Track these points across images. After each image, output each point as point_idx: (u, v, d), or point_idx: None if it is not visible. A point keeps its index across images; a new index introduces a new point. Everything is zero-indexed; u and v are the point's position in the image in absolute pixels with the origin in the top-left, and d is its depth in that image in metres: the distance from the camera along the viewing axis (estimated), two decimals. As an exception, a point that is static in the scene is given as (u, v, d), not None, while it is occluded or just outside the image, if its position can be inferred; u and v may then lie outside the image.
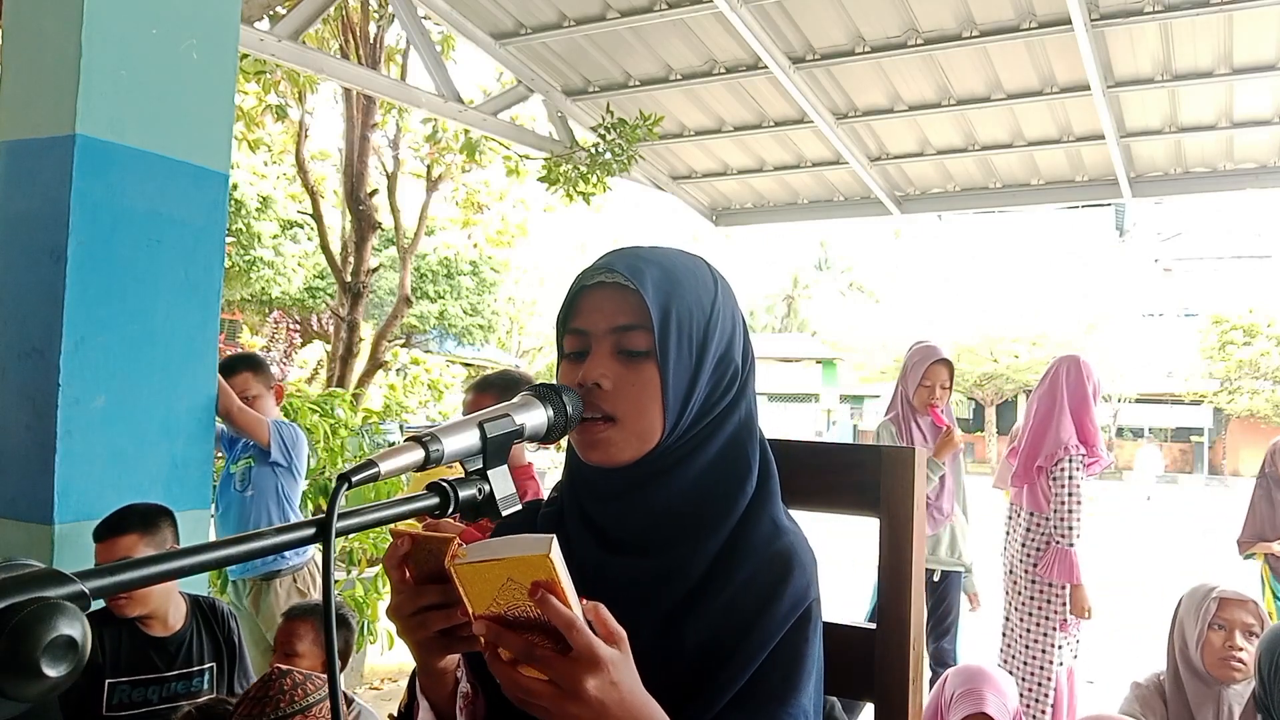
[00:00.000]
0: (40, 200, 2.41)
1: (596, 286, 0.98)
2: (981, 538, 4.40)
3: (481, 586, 0.79)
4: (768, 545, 0.97)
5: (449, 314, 20.94)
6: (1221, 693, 2.30)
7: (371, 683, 5.12)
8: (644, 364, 0.95)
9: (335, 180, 9.94)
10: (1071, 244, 30.96)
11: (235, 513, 3.40)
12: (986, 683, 2.28)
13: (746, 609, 0.93)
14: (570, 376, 0.97)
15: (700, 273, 1.02)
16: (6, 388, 2.42)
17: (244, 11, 3.80)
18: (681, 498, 0.97)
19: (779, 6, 4.58)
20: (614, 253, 1.01)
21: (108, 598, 2.00)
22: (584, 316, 0.98)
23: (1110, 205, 26.08)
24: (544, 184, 5.95)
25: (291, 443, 3.36)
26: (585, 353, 0.97)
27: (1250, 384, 26.14)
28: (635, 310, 0.95)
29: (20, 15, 2.52)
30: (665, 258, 1.01)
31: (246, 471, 3.39)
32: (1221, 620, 2.33)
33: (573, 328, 0.99)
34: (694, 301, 0.98)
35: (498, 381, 2.86)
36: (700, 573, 0.95)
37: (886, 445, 1.17)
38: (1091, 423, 3.75)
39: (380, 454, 0.79)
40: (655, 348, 0.95)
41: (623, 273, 0.95)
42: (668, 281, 0.97)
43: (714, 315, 0.99)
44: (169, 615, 2.30)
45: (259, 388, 3.37)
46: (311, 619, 2.42)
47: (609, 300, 0.97)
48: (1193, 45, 4.49)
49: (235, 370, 3.35)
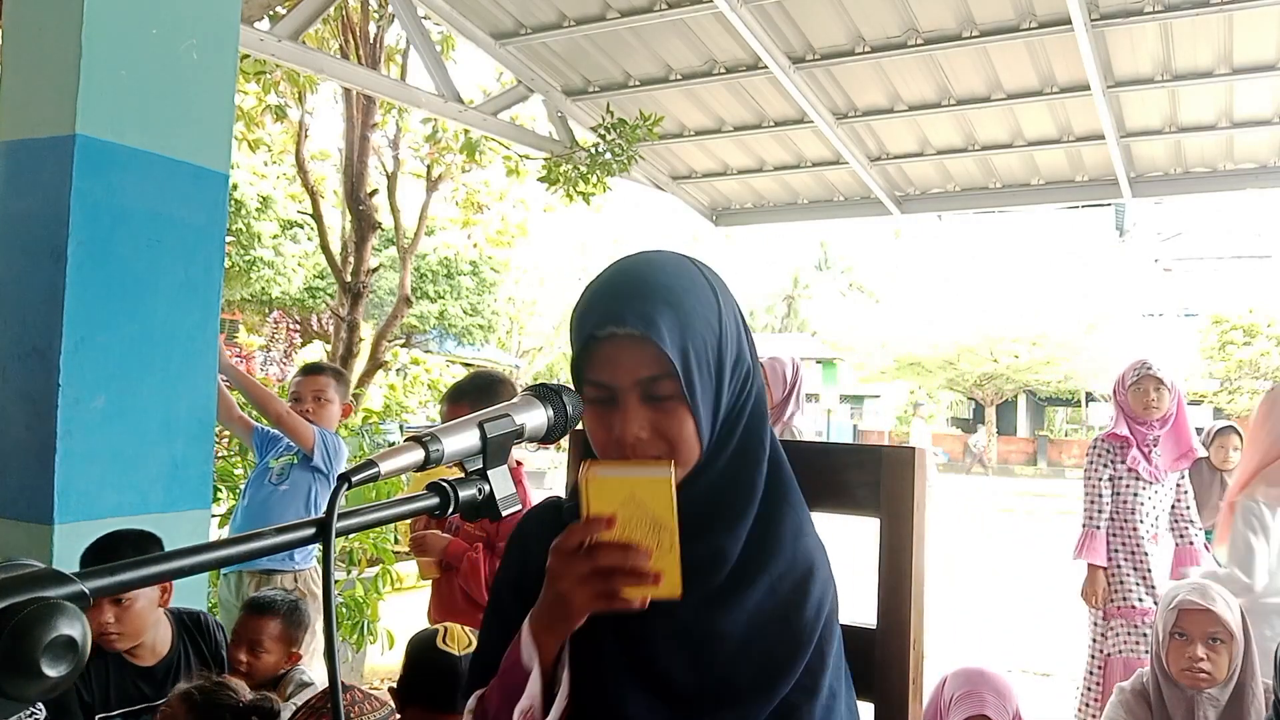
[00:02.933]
0: (40, 200, 2.41)
1: (609, 339, 0.97)
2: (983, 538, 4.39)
3: (607, 499, 0.90)
4: (794, 540, 1.03)
5: (449, 314, 20.94)
6: (1195, 698, 2.31)
7: (371, 683, 5.11)
8: (674, 404, 0.98)
9: (335, 180, 9.93)
10: (1071, 244, 30.95)
11: (263, 504, 3.44)
12: (986, 684, 2.28)
13: (779, 606, 0.99)
14: (601, 425, 1.00)
15: (700, 289, 1.01)
16: (6, 388, 2.41)
17: (244, 11, 3.80)
18: (712, 489, 1.01)
19: (779, 6, 4.58)
20: (620, 299, 0.97)
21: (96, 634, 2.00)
22: (604, 370, 0.98)
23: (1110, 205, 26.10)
24: (544, 184, 5.94)
25: (335, 452, 3.48)
26: (609, 401, 0.98)
27: (1250, 384, 26.11)
28: (656, 360, 0.96)
29: (20, 15, 2.52)
30: (667, 288, 0.98)
31: (287, 467, 3.48)
32: (1181, 629, 2.33)
33: (593, 380, 0.98)
34: (704, 328, 0.99)
35: (470, 388, 2.87)
36: (737, 558, 1.00)
37: (887, 445, 1.17)
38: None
39: (380, 454, 0.79)
40: (682, 390, 0.97)
41: (636, 327, 0.94)
42: (678, 319, 0.97)
43: (722, 331, 1.01)
44: (155, 642, 2.22)
45: (334, 395, 3.59)
46: (276, 615, 2.38)
47: (627, 354, 0.96)
48: (1193, 45, 4.49)
49: (320, 371, 3.69)
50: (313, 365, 3.89)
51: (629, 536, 0.90)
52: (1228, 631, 2.29)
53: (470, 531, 2.86)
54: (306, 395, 3.52)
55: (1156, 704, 2.37)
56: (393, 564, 4.81)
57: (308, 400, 3.51)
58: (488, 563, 2.79)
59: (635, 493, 0.90)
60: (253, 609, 2.44)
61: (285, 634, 2.39)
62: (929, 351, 27.40)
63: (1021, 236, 31.66)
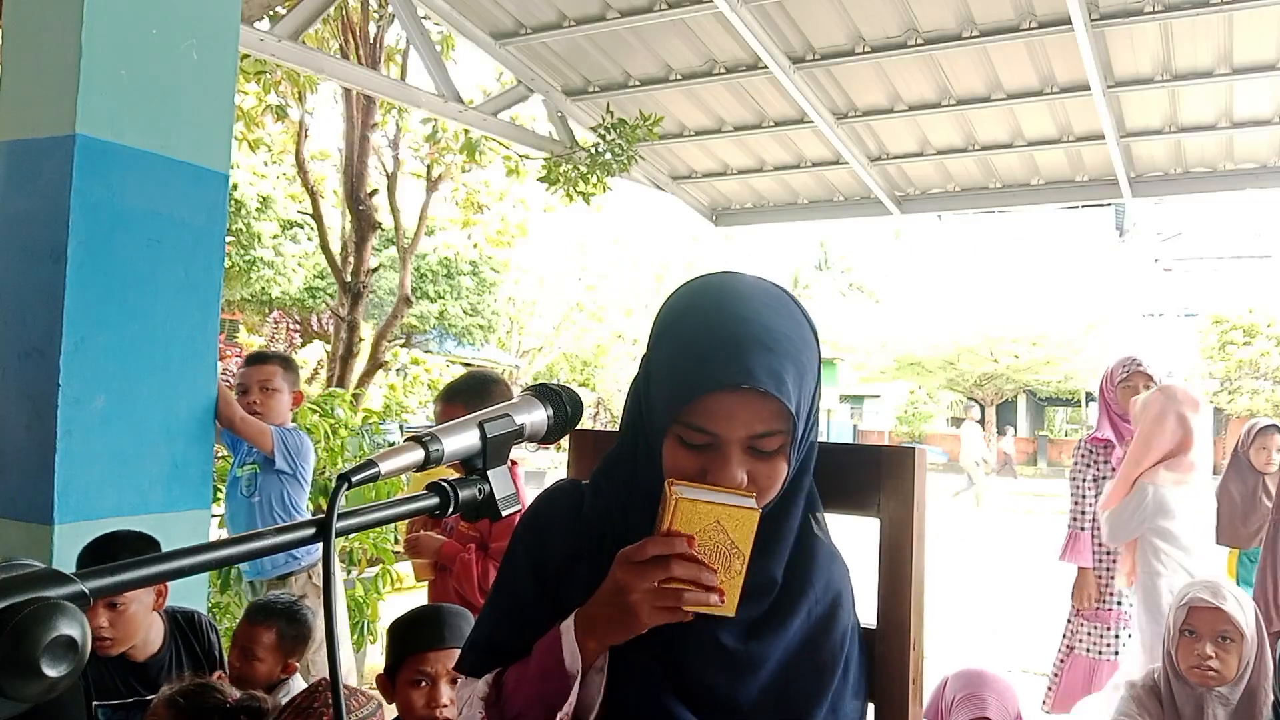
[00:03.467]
0: (40, 200, 2.41)
1: (730, 389, 0.92)
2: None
3: (691, 521, 0.91)
4: (828, 566, 1.06)
5: (449, 314, 20.92)
6: (1204, 695, 2.30)
7: (371, 683, 5.11)
8: (778, 457, 0.97)
9: (335, 180, 9.92)
10: (1071, 244, 30.93)
11: (243, 517, 3.40)
12: (988, 686, 2.26)
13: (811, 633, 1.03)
14: (692, 463, 0.96)
15: (808, 333, 1.00)
16: (6, 388, 2.42)
17: (244, 11, 3.80)
18: (770, 518, 1.01)
19: (779, 6, 4.58)
20: (747, 351, 0.92)
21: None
22: (715, 421, 0.94)
23: (1110, 205, 26.08)
24: (544, 184, 5.94)
25: (296, 450, 3.34)
26: (708, 448, 0.95)
27: (1250, 384, 26.11)
28: (773, 417, 0.94)
29: (20, 15, 2.52)
30: (789, 339, 0.95)
31: (253, 477, 3.39)
32: (1191, 626, 2.33)
33: (699, 426, 0.94)
34: (813, 379, 0.99)
35: (464, 388, 2.81)
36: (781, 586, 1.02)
37: (888, 445, 1.17)
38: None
39: (380, 454, 0.79)
40: (789, 445, 0.96)
41: (768, 386, 0.91)
42: (799, 375, 0.95)
43: (819, 376, 1.02)
44: (148, 640, 2.22)
45: (282, 384, 3.38)
46: (272, 624, 2.38)
47: (745, 408, 0.93)
48: (1193, 45, 4.48)
49: (266, 361, 3.46)
50: (257, 354, 3.65)
51: (704, 557, 0.91)
52: (1238, 631, 2.29)
53: (464, 532, 2.86)
54: (253, 385, 3.32)
55: (1167, 700, 2.36)
56: (393, 564, 4.81)
57: (254, 390, 3.31)
58: (480, 564, 2.79)
59: (720, 520, 0.91)
60: (251, 615, 2.43)
61: (280, 644, 2.38)
62: (929, 351, 27.40)
63: (1021, 236, 31.64)
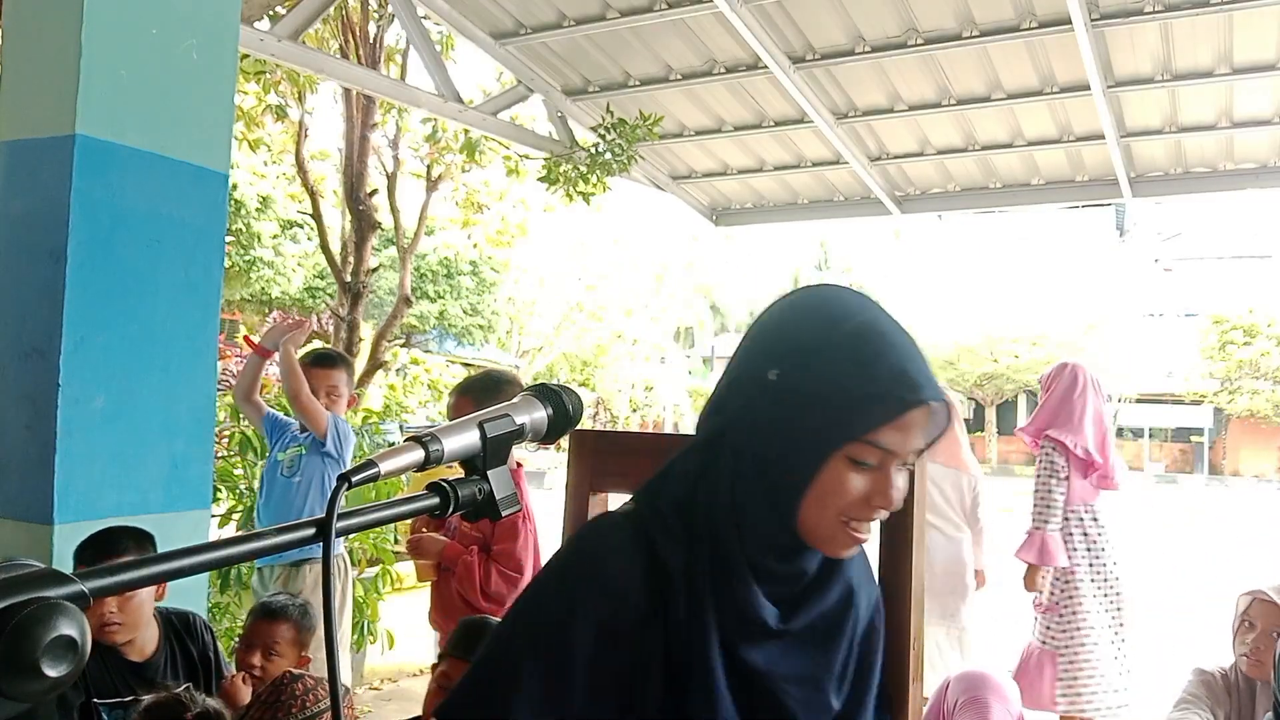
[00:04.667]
0: (40, 200, 2.41)
1: (917, 406, 0.93)
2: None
3: None
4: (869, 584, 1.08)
5: (449, 314, 20.93)
6: (1259, 686, 2.35)
7: (371, 683, 5.11)
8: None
9: (335, 180, 9.92)
10: (1071, 244, 30.93)
11: (281, 497, 3.46)
12: (991, 690, 2.23)
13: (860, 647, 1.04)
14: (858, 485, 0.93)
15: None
16: (6, 388, 2.42)
17: (244, 11, 3.80)
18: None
19: (779, 6, 4.57)
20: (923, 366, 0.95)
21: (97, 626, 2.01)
22: (905, 437, 0.93)
23: (1110, 205, 26.08)
24: (544, 184, 5.94)
25: (344, 437, 3.50)
26: (876, 467, 0.93)
27: (1250, 384, 26.15)
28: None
29: (20, 15, 2.52)
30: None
31: (296, 459, 3.48)
32: (1251, 618, 2.40)
33: (883, 445, 0.92)
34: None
35: (478, 385, 2.94)
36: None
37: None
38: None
39: (380, 454, 0.79)
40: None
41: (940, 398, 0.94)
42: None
43: None
44: (144, 641, 2.23)
45: (345, 390, 3.62)
46: (288, 619, 2.41)
47: (922, 424, 0.95)
48: (1193, 45, 4.48)
49: (335, 364, 3.65)
50: (324, 356, 3.77)
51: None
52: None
53: (467, 533, 2.86)
54: (320, 390, 3.49)
55: (1232, 685, 2.46)
56: (393, 564, 4.81)
57: (321, 395, 3.48)
58: (483, 566, 2.80)
59: None
60: (265, 614, 2.45)
61: (298, 638, 2.43)
62: (929, 351, 27.30)
63: (1021, 236, 31.64)
